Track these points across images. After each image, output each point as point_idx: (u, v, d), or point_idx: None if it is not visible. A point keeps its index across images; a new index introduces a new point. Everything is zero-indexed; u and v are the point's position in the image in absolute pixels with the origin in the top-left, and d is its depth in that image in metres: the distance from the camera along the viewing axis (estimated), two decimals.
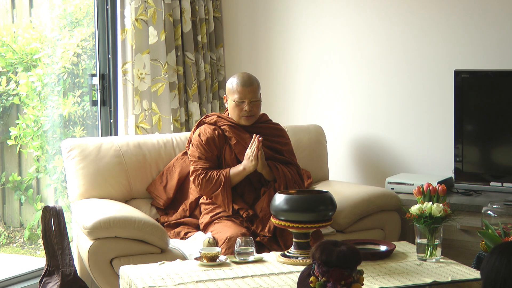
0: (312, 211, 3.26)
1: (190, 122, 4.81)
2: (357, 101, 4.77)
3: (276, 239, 3.68)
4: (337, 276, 2.12)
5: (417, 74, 4.55)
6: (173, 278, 3.00)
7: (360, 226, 4.08)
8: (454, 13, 4.41)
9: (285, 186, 3.76)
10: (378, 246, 3.40)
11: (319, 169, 4.54)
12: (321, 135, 4.60)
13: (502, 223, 3.13)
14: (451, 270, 3.09)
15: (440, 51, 4.46)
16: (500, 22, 4.29)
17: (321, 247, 2.14)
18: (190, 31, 4.78)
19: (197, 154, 3.84)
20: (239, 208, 3.77)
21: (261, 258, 3.29)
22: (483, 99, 4.20)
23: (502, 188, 4.08)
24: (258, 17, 5.09)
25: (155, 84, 4.60)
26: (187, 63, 4.79)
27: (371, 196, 4.14)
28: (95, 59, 4.68)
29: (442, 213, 3.16)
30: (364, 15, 4.70)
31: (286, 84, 5.03)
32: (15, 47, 4.63)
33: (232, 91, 3.85)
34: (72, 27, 4.82)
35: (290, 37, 4.98)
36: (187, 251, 3.64)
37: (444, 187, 3.28)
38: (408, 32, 4.56)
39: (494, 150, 4.21)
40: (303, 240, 3.28)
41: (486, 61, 4.30)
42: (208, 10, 4.94)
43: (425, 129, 4.56)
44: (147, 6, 4.55)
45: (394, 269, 3.11)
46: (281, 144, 3.95)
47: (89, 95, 4.71)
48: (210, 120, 3.93)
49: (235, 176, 3.78)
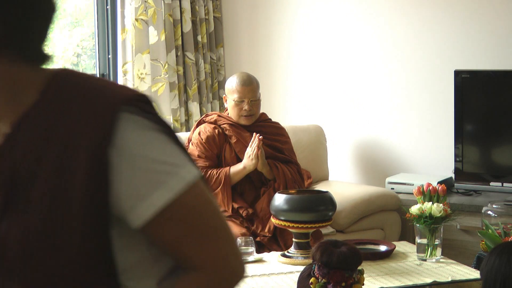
0: (312, 211, 3.26)
1: (190, 122, 4.81)
2: (357, 101, 4.77)
3: (276, 239, 3.68)
4: (338, 278, 2.12)
5: (417, 74, 4.55)
6: None
7: (360, 226, 4.08)
8: (454, 13, 4.41)
9: (285, 185, 3.76)
10: (378, 246, 3.39)
11: (319, 169, 4.54)
12: (321, 135, 4.60)
13: (502, 223, 3.13)
14: (451, 270, 3.09)
15: (440, 51, 4.46)
16: (500, 22, 4.28)
17: (321, 248, 2.14)
18: (190, 31, 4.78)
19: (197, 153, 3.84)
20: (238, 207, 3.77)
21: (261, 258, 3.29)
22: (483, 99, 4.20)
23: (502, 188, 4.08)
24: (258, 17, 5.09)
25: (155, 84, 4.60)
26: (187, 63, 4.79)
27: (371, 196, 4.14)
28: (95, 59, 4.68)
29: (442, 213, 3.16)
30: (364, 16, 4.70)
31: (286, 84, 5.03)
32: None
33: (232, 91, 3.85)
34: (72, 27, 4.82)
35: (290, 37, 4.98)
36: None
37: (444, 187, 3.28)
38: (408, 32, 4.56)
39: (494, 150, 4.21)
40: (303, 240, 3.27)
41: (486, 61, 4.30)
42: (208, 10, 4.94)
43: (425, 129, 4.55)
44: (147, 6, 4.55)
45: (394, 269, 3.11)
46: (281, 142, 3.95)
47: None
48: (210, 119, 3.93)
49: (235, 175, 3.78)
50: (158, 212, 1.27)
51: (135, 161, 1.26)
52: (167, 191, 1.28)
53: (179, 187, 1.29)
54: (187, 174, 1.30)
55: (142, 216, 1.27)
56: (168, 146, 1.31)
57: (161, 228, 1.29)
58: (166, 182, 1.28)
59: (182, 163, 1.31)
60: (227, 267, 1.35)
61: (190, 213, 1.32)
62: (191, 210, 1.32)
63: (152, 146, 1.29)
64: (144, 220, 1.28)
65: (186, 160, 1.32)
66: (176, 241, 1.32)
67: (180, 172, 1.30)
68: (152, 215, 1.27)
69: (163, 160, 1.29)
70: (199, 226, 1.33)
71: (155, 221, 1.28)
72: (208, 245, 1.34)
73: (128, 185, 1.26)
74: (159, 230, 1.29)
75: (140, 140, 1.28)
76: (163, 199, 1.27)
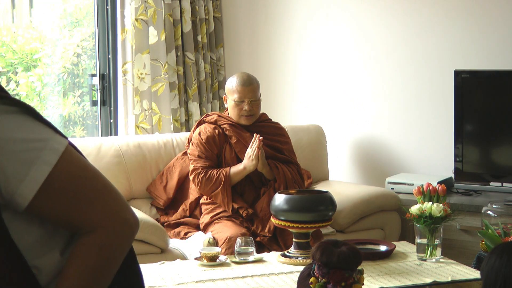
0: (312, 211, 3.26)
1: (190, 122, 4.81)
2: (357, 101, 4.77)
3: (276, 239, 3.68)
4: (338, 277, 2.11)
5: (417, 74, 4.55)
6: (173, 278, 3.00)
7: (360, 226, 4.08)
8: (454, 13, 4.41)
9: (285, 185, 3.76)
10: (378, 246, 3.39)
11: (319, 169, 4.54)
12: (321, 135, 4.60)
13: (502, 223, 3.13)
14: (451, 270, 3.09)
15: (440, 51, 4.46)
16: (500, 22, 4.29)
17: (321, 248, 2.14)
18: (190, 31, 4.78)
19: (197, 153, 3.84)
20: (238, 207, 3.77)
21: (261, 258, 3.29)
22: (483, 99, 4.20)
23: (502, 188, 4.08)
24: (258, 17, 5.09)
25: (155, 84, 4.60)
26: (187, 63, 4.79)
27: (371, 196, 4.14)
28: (95, 59, 4.68)
29: (442, 213, 3.16)
30: (364, 16, 4.70)
31: (286, 84, 5.03)
32: (15, 47, 4.63)
33: (232, 91, 3.85)
34: (72, 27, 4.82)
35: (290, 37, 4.98)
36: (187, 251, 3.64)
37: (444, 187, 3.28)
38: (408, 32, 4.56)
39: (494, 150, 4.21)
40: (303, 240, 3.28)
41: (486, 61, 4.30)
42: (208, 10, 4.94)
43: (425, 129, 4.55)
44: (147, 6, 4.55)
45: (394, 269, 3.11)
46: (281, 142, 3.95)
47: (89, 95, 4.71)
48: (211, 119, 3.93)
49: (235, 175, 3.78)
50: (39, 187, 1.32)
51: (4, 146, 1.30)
52: (42, 165, 1.32)
53: (52, 159, 1.34)
54: (57, 145, 1.35)
55: (26, 195, 1.32)
56: (30, 124, 1.35)
57: (46, 202, 1.34)
58: (39, 158, 1.32)
59: (49, 136, 1.36)
60: (121, 221, 1.41)
61: (70, 181, 1.37)
62: (70, 177, 1.37)
63: (16, 128, 1.33)
64: (28, 199, 1.32)
65: (52, 133, 1.37)
66: (65, 211, 1.37)
67: (49, 145, 1.34)
68: (34, 192, 1.32)
69: (31, 138, 1.33)
70: (81, 190, 1.38)
71: (39, 197, 1.33)
72: (96, 206, 1.39)
73: (5, 170, 1.30)
74: (45, 204, 1.34)
75: (3, 125, 1.31)
76: (41, 174, 1.32)
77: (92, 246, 1.38)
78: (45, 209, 1.35)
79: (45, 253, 1.39)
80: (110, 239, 1.39)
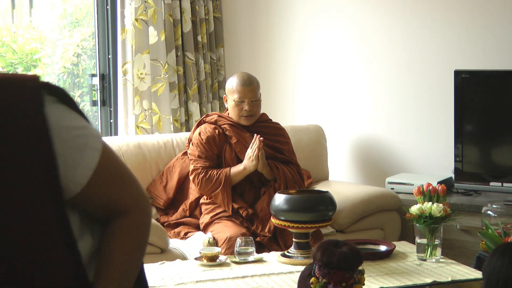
0: (312, 211, 3.26)
1: (190, 122, 4.81)
2: (357, 101, 4.77)
3: (276, 239, 3.68)
4: (339, 278, 2.12)
5: (417, 74, 4.55)
6: (173, 278, 3.00)
7: (360, 226, 4.08)
8: (454, 13, 4.41)
9: (285, 185, 3.76)
10: (378, 246, 3.40)
11: (319, 169, 4.54)
12: (321, 135, 4.60)
13: (502, 223, 3.13)
14: (451, 270, 3.09)
15: (440, 51, 4.46)
16: (500, 22, 4.29)
17: (322, 248, 2.14)
18: (190, 31, 4.78)
19: (197, 153, 3.84)
20: (238, 207, 3.77)
21: (261, 258, 3.29)
22: (483, 99, 4.20)
23: (502, 188, 4.08)
24: (258, 17, 5.09)
25: (155, 84, 4.60)
26: (187, 63, 4.79)
27: (371, 196, 4.14)
28: (95, 59, 4.68)
29: (442, 213, 3.16)
30: (364, 16, 4.70)
31: (286, 84, 5.03)
32: (15, 47, 4.63)
33: (232, 91, 3.85)
34: (72, 27, 4.82)
35: (290, 37, 4.98)
36: (187, 251, 3.64)
37: (444, 187, 3.28)
38: (408, 32, 4.56)
39: (494, 150, 4.21)
40: (303, 240, 3.28)
41: (486, 61, 4.30)
42: (208, 10, 4.94)
43: (425, 129, 4.56)
44: (147, 6, 4.55)
45: (394, 269, 3.11)
46: (281, 143, 3.95)
47: (89, 95, 4.71)
48: (211, 119, 3.93)
49: (236, 175, 3.78)
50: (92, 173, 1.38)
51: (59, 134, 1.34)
52: (92, 151, 1.38)
53: (98, 145, 1.40)
54: (96, 132, 1.42)
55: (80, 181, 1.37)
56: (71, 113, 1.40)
57: (94, 187, 1.39)
58: (87, 144, 1.37)
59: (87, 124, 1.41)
60: (146, 202, 1.51)
61: (112, 165, 1.43)
62: (112, 162, 1.44)
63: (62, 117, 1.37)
64: (82, 185, 1.37)
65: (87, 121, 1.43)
66: (108, 195, 1.43)
67: (91, 132, 1.40)
68: (88, 178, 1.37)
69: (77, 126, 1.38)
70: (120, 175, 1.46)
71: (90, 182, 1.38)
72: (130, 189, 1.48)
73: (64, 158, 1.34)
74: (92, 190, 1.39)
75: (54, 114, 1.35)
76: (93, 160, 1.38)
77: (131, 227, 1.46)
78: (91, 195, 1.40)
79: (82, 237, 1.44)
80: (143, 218, 1.49)
